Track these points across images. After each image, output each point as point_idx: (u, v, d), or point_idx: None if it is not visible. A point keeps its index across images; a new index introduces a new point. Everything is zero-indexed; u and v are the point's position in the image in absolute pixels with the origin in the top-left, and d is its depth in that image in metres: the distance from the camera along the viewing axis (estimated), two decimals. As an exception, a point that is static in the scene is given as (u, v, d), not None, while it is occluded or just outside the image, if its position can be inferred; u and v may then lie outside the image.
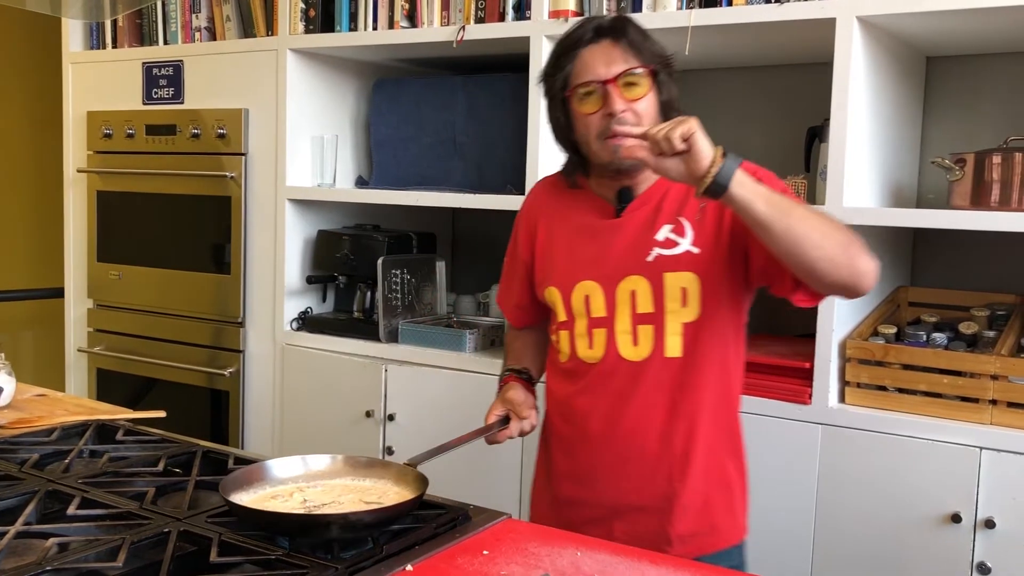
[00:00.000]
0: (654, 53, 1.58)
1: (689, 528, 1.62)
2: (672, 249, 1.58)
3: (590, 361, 1.64)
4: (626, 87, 1.55)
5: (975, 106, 2.48)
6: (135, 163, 3.20)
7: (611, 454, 1.64)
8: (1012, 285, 2.39)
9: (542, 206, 1.77)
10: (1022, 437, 1.94)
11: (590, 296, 1.63)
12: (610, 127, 1.55)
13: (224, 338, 3.06)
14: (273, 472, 1.44)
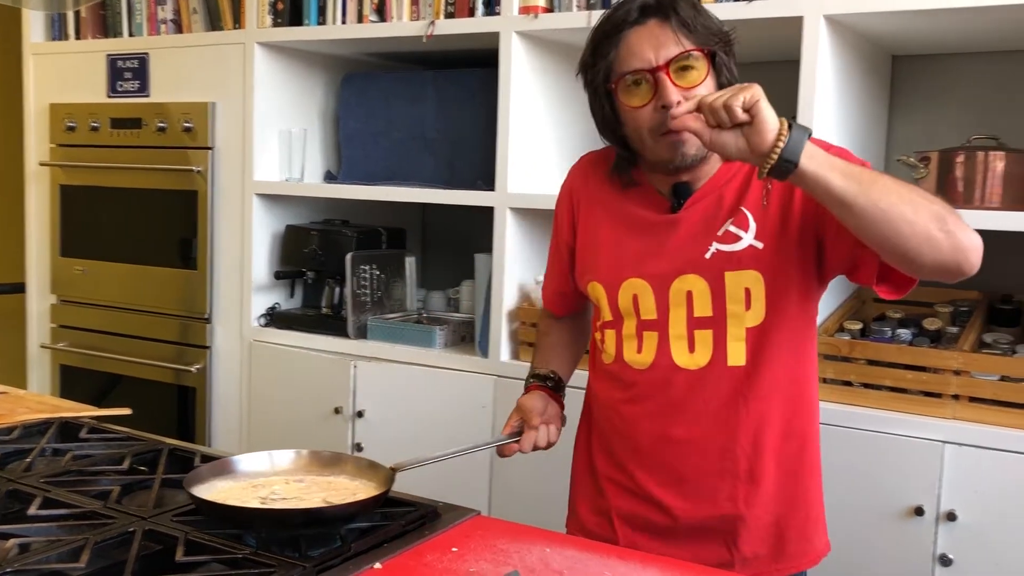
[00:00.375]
0: (710, 30, 1.38)
1: (754, 551, 1.48)
2: (733, 244, 1.41)
3: (638, 367, 1.48)
4: (680, 73, 1.35)
5: (939, 105, 2.51)
6: (100, 157, 3.15)
7: (664, 471, 1.49)
8: (975, 282, 2.41)
9: (583, 189, 1.59)
10: (984, 431, 1.97)
11: (639, 296, 1.46)
12: (665, 121, 1.35)
13: (190, 334, 3.03)
14: (240, 467, 1.42)
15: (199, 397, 3.03)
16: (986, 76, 2.45)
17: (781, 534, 1.48)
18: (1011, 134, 2.21)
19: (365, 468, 1.44)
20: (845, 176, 1.22)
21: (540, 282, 2.50)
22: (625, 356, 1.50)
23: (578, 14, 2.37)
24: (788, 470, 1.48)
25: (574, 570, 1.26)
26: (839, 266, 1.43)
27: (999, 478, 1.94)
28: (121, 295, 3.16)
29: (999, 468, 1.94)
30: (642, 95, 1.38)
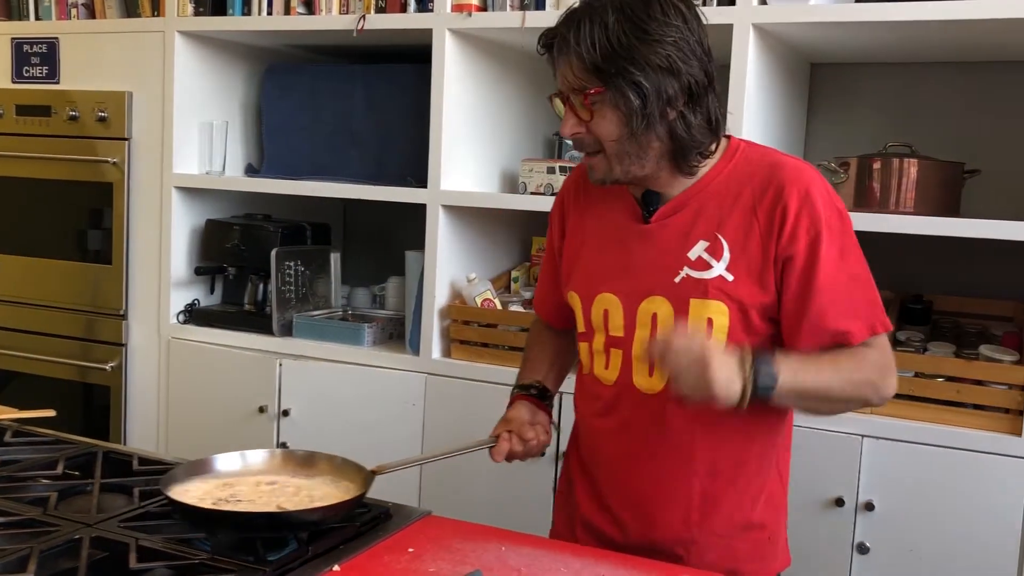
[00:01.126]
0: (614, 61, 1.30)
1: (747, 553, 1.46)
2: (703, 272, 1.37)
3: (604, 382, 1.47)
4: (579, 105, 1.35)
5: (854, 111, 2.63)
6: (4, 145, 3.00)
7: (622, 488, 1.48)
8: (887, 282, 2.53)
9: (574, 195, 1.57)
10: (900, 425, 2.07)
11: (609, 311, 1.44)
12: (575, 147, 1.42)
13: (103, 331, 2.92)
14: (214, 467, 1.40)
15: (113, 396, 2.92)
16: (897, 85, 2.57)
17: (733, 555, 1.46)
18: (919, 141, 2.33)
19: (340, 467, 1.42)
20: (805, 401, 1.36)
21: (472, 280, 2.52)
22: (595, 370, 1.49)
23: (512, 14, 2.38)
24: (746, 495, 1.45)
25: (531, 567, 1.28)
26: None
27: (914, 469, 2.05)
28: (24, 289, 3.02)
29: (914, 460, 2.05)
30: (560, 110, 1.41)
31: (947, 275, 2.50)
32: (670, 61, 1.31)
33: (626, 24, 1.30)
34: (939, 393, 2.07)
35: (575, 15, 1.34)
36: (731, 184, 1.40)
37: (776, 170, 1.38)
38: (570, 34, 1.32)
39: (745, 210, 1.37)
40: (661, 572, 1.29)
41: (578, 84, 1.33)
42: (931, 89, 2.53)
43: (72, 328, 2.96)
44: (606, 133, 1.35)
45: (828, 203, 1.38)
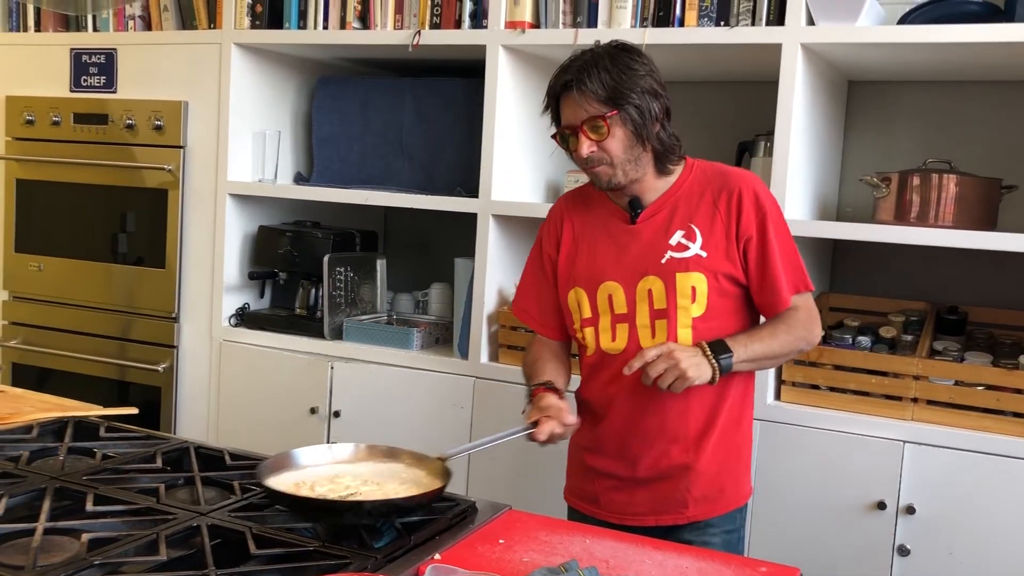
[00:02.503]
0: (620, 92, 1.70)
1: (703, 492, 1.81)
2: (683, 252, 1.77)
3: (613, 352, 1.81)
4: (592, 130, 1.72)
5: (890, 128, 2.71)
6: (61, 151, 3.10)
7: (636, 434, 1.81)
8: (923, 293, 2.63)
9: (567, 212, 1.93)
10: (940, 432, 2.15)
11: (613, 295, 1.81)
12: (584, 164, 1.77)
13: (156, 333, 3.01)
14: (299, 460, 1.48)
15: (164, 397, 3.01)
16: (933, 102, 2.65)
17: (723, 479, 1.83)
18: (955, 157, 2.41)
19: (416, 460, 1.51)
20: (751, 364, 1.76)
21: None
22: (603, 345, 1.83)
23: (564, 31, 2.47)
24: (727, 430, 1.83)
25: (617, 558, 1.36)
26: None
27: (953, 474, 2.12)
28: (81, 293, 3.11)
29: (954, 465, 2.12)
30: (572, 144, 1.77)
31: (981, 287, 2.58)
32: (652, 87, 1.74)
33: (620, 65, 1.72)
34: (979, 401, 2.15)
35: (579, 67, 1.72)
36: (694, 188, 1.82)
37: (727, 175, 1.83)
38: (583, 78, 1.70)
39: (708, 205, 1.80)
40: (739, 565, 1.37)
41: (594, 113, 1.71)
42: (968, 106, 2.61)
43: (125, 330, 3.05)
44: (615, 148, 1.73)
45: (768, 196, 1.82)
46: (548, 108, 1.81)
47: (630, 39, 2.36)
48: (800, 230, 2.29)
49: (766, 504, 2.29)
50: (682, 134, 2.91)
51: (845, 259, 2.76)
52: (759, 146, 2.53)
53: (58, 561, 1.17)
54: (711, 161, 1.89)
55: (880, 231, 2.25)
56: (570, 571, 1.26)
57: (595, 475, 1.87)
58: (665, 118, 1.77)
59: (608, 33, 2.42)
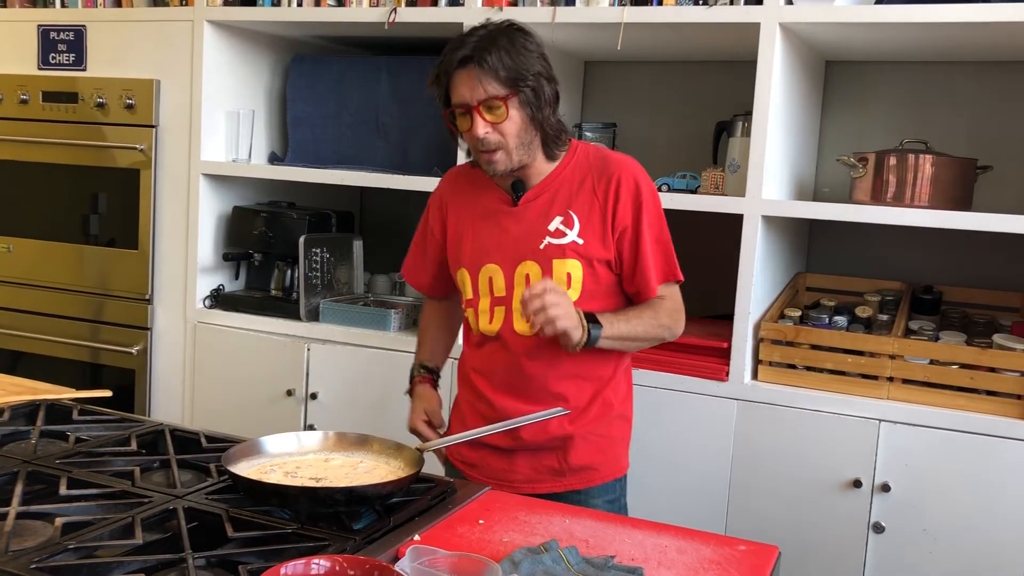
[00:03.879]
0: (519, 73, 1.69)
1: (581, 463, 1.84)
2: (560, 239, 1.78)
3: (489, 334, 1.84)
4: (488, 111, 1.70)
5: (867, 108, 2.71)
6: (30, 131, 3.04)
7: (517, 410, 1.81)
8: (899, 273, 2.64)
9: (452, 193, 1.94)
10: (915, 410, 2.16)
11: (493, 277, 1.83)
12: (477, 146, 1.74)
13: (130, 315, 2.97)
14: (267, 448, 1.46)
15: (138, 379, 2.98)
16: (910, 83, 2.66)
17: (601, 452, 1.86)
18: (931, 138, 2.42)
19: (391, 448, 1.49)
20: (616, 342, 1.77)
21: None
22: (481, 327, 1.85)
23: (542, 9, 2.45)
24: (604, 403, 1.86)
25: (597, 538, 1.36)
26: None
27: (928, 452, 2.15)
28: (51, 274, 3.07)
29: (929, 443, 2.14)
30: (464, 123, 1.74)
31: (956, 267, 2.60)
32: (547, 70, 1.75)
33: (516, 45, 1.71)
34: (953, 380, 2.16)
35: (476, 44, 1.70)
36: (576, 173, 1.82)
37: (607, 161, 1.83)
38: (484, 55, 1.68)
39: (588, 191, 1.80)
40: (718, 543, 1.38)
41: (493, 93, 1.68)
42: (944, 87, 2.63)
43: (98, 312, 3.01)
44: (511, 131, 1.72)
45: (646, 183, 1.82)
46: (437, 84, 1.76)
47: (608, 18, 2.37)
48: (777, 210, 2.30)
49: (744, 483, 2.30)
50: (659, 112, 2.91)
51: (821, 239, 2.77)
52: (737, 126, 2.53)
53: (31, 546, 1.15)
54: (596, 145, 1.91)
55: (856, 211, 2.26)
56: (550, 551, 1.26)
57: (475, 441, 1.86)
58: (556, 102, 1.77)
59: (586, 12, 2.40)
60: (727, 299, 2.35)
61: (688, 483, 2.34)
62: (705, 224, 2.50)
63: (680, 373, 2.35)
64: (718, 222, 2.38)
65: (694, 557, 1.31)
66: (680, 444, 2.35)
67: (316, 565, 1.06)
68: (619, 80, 2.99)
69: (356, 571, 1.06)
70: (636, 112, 2.96)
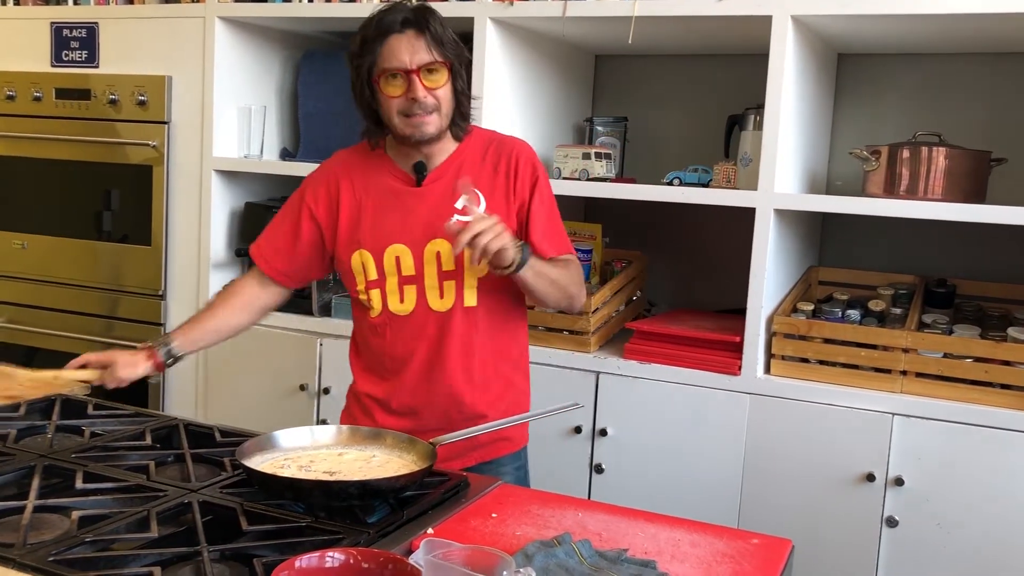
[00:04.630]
0: (454, 45, 1.76)
1: (489, 438, 1.86)
2: (468, 216, 1.75)
3: (401, 314, 1.84)
4: (427, 76, 1.73)
5: (880, 101, 2.70)
6: (43, 127, 3.06)
7: (426, 389, 1.84)
8: (912, 266, 2.63)
9: (344, 174, 1.91)
10: (929, 404, 2.15)
11: (400, 257, 1.83)
12: (412, 109, 1.74)
13: (143, 311, 2.99)
14: (280, 442, 1.47)
15: (152, 375, 2.99)
16: (923, 75, 2.65)
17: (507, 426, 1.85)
18: (944, 130, 2.40)
19: (404, 442, 1.50)
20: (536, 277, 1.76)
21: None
22: (390, 307, 1.85)
23: (552, 3, 2.44)
24: (508, 380, 1.90)
25: (610, 531, 1.36)
26: None
27: (942, 446, 2.14)
28: (65, 270, 3.08)
29: (942, 437, 2.13)
30: (398, 87, 1.74)
31: (969, 260, 2.59)
32: (464, 49, 1.80)
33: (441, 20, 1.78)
34: (967, 373, 2.15)
35: (414, 10, 1.74)
36: (476, 154, 1.87)
37: (504, 141, 1.89)
38: (426, 19, 1.73)
39: (489, 169, 1.85)
40: (731, 537, 1.38)
41: (435, 58, 1.72)
42: (957, 79, 2.61)
43: (112, 308, 3.03)
44: (445, 96, 1.76)
45: (539, 163, 1.89)
46: (363, 50, 1.75)
47: (619, 11, 2.37)
48: (789, 203, 2.29)
49: (757, 477, 2.30)
50: (671, 106, 2.90)
51: (834, 232, 2.76)
52: (749, 119, 2.52)
53: (49, 539, 1.16)
54: (488, 129, 1.97)
55: (869, 204, 2.25)
56: (563, 544, 1.26)
57: (388, 407, 1.88)
58: (469, 80, 1.86)
59: (597, 6, 2.39)
60: (739, 293, 2.34)
61: (701, 477, 2.34)
62: (717, 218, 2.50)
63: (692, 367, 2.34)
64: (730, 216, 2.38)
65: (707, 550, 1.31)
66: (693, 438, 2.34)
67: (330, 558, 1.06)
68: (630, 74, 2.99)
69: (370, 564, 1.06)
70: (647, 106, 2.95)
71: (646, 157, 2.93)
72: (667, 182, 2.51)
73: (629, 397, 2.39)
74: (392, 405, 1.88)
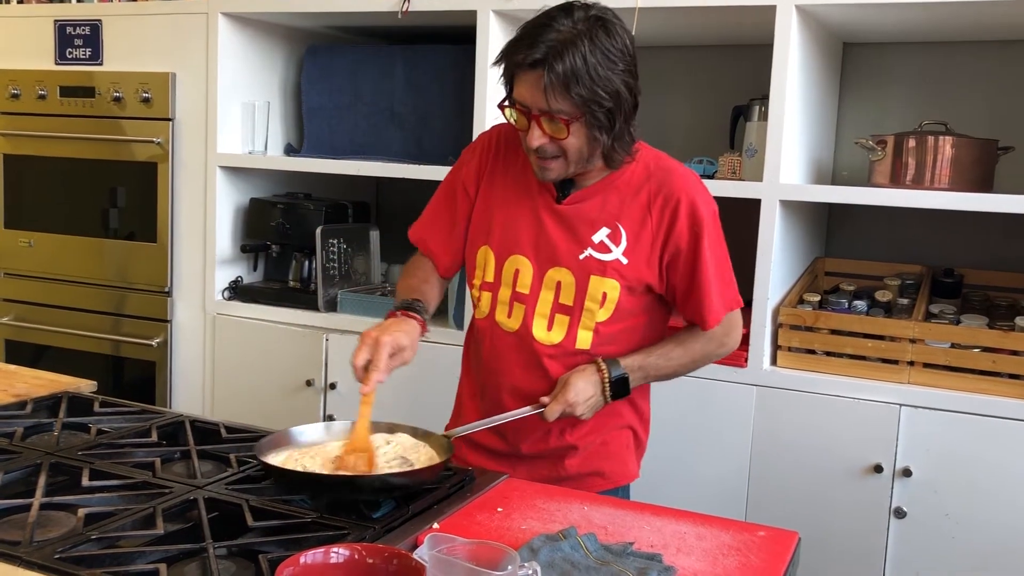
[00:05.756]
0: (594, 94, 1.49)
1: (580, 471, 1.74)
2: (604, 254, 1.65)
3: (505, 329, 1.71)
4: (549, 123, 1.53)
5: (885, 90, 2.69)
6: (48, 125, 3.06)
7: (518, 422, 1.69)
8: (919, 256, 2.62)
9: (495, 155, 1.76)
10: (936, 394, 2.15)
11: (520, 271, 1.69)
12: (531, 151, 1.58)
13: (150, 308, 2.99)
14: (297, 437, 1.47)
15: (159, 371, 3.00)
16: (928, 64, 2.63)
17: (602, 460, 1.75)
18: (951, 119, 2.39)
19: (420, 435, 1.51)
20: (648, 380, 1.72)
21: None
22: (496, 317, 1.72)
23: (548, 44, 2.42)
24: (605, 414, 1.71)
25: (615, 525, 1.36)
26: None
27: (950, 437, 2.13)
28: (73, 268, 3.09)
29: (950, 428, 2.13)
30: (521, 123, 1.57)
31: (977, 249, 2.57)
32: (627, 84, 1.54)
33: (597, 54, 1.49)
34: (975, 363, 2.15)
35: (551, 46, 1.47)
36: (632, 182, 1.66)
37: (669, 175, 1.66)
38: (554, 63, 1.47)
39: (642, 206, 1.65)
40: (737, 529, 1.37)
41: (557, 108, 1.50)
42: (963, 67, 2.59)
43: (118, 305, 3.04)
44: (574, 147, 1.56)
45: (707, 205, 1.67)
46: (503, 73, 1.56)
47: (623, 3, 2.34)
48: (795, 194, 2.28)
49: (763, 469, 2.29)
50: (676, 98, 2.88)
51: (840, 223, 2.75)
52: (754, 110, 2.51)
53: (55, 536, 1.17)
54: (660, 152, 1.73)
55: (875, 194, 2.24)
56: (569, 538, 1.26)
57: (472, 444, 1.77)
58: (634, 113, 1.58)
59: (600, -3, 2.38)
60: (745, 285, 2.31)
61: (707, 469, 2.34)
62: (722, 209, 2.45)
63: (698, 359, 2.34)
64: (735, 207, 2.36)
65: (713, 543, 1.31)
66: (699, 431, 2.34)
67: (335, 554, 1.06)
68: (635, 65, 2.97)
69: (374, 559, 1.06)
70: (652, 97, 2.90)
71: (651, 149, 2.92)
72: (672, 174, 2.50)
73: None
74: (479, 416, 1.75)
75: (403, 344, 1.57)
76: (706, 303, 1.66)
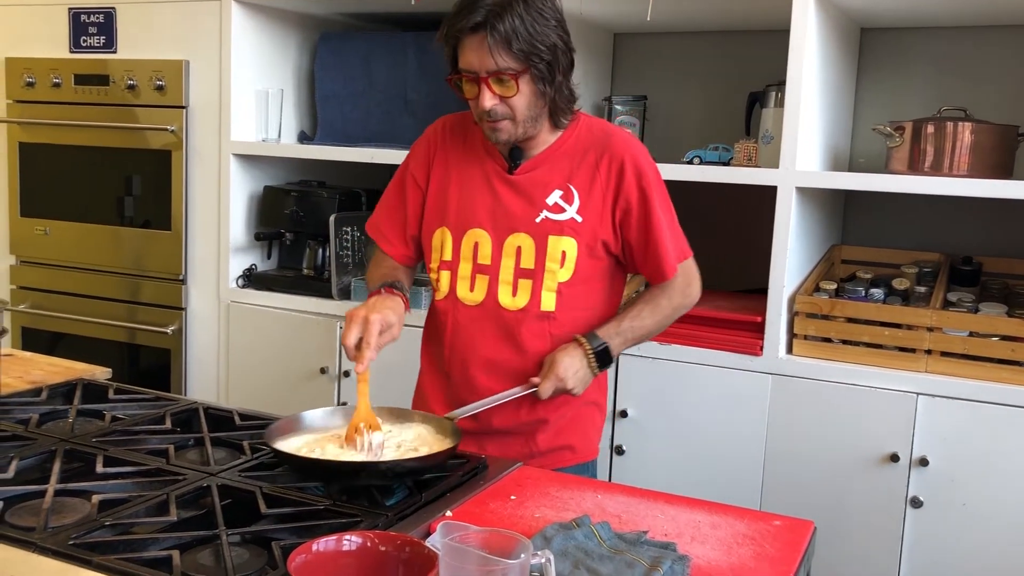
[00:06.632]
0: (534, 46, 1.58)
1: (550, 446, 1.78)
2: (559, 215, 1.71)
3: (469, 303, 1.75)
4: (497, 83, 1.60)
5: (904, 76, 2.66)
6: (63, 114, 3.07)
7: (486, 389, 1.74)
8: (936, 244, 2.59)
9: (442, 144, 1.82)
10: (954, 383, 2.13)
11: (479, 243, 1.74)
12: (483, 116, 1.65)
13: (165, 295, 3.00)
14: (307, 422, 1.47)
15: (173, 359, 3.01)
16: (946, 49, 2.60)
17: (570, 435, 1.81)
18: (969, 105, 2.36)
19: (432, 421, 1.51)
20: (626, 345, 1.77)
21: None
22: (458, 293, 1.76)
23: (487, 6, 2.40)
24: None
25: (629, 513, 1.35)
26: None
27: (967, 426, 2.11)
28: (88, 256, 3.10)
29: (968, 417, 2.11)
30: (470, 90, 1.65)
31: (996, 237, 2.55)
32: (562, 39, 1.65)
33: (532, 11, 1.59)
34: (993, 352, 2.12)
35: (490, 9, 1.56)
36: (579, 147, 1.74)
37: (612, 137, 1.75)
38: (496, 23, 1.56)
39: (590, 166, 1.73)
40: (752, 518, 1.37)
41: (504, 66, 1.59)
42: (982, 52, 2.56)
43: (134, 293, 3.05)
44: (520, 104, 1.63)
45: (650, 163, 1.75)
46: (445, 44, 1.64)
47: (637, -12, 2.34)
48: (811, 181, 2.26)
49: (779, 458, 2.28)
50: (692, 84, 2.86)
51: (858, 210, 2.72)
52: (770, 96, 2.49)
53: (69, 522, 1.17)
54: (599, 118, 1.83)
55: (893, 181, 2.21)
56: (582, 526, 1.25)
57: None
58: (570, 71, 1.68)
59: (615, -18, 2.37)
60: (761, 272, 2.32)
61: (723, 458, 2.33)
62: (738, 196, 2.47)
63: (714, 348, 2.33)
64: (751, 194, 2.35)
65: (728, 532, 1.30)
66: (714, 419, 2.33)
67: (348, 541, 1.06)
68: (649, 52, 2.96)
69: (387, 547, 1.06)
70: (667, 84, 2.92)
71: (665, 136, 2.90)
72: (687, 161, 2.48)
73: (650, 378, 2.38)
74: (445, 396, 1.79)
75: (391, 321, 1.61)
76: (662, 254, 1.73)
